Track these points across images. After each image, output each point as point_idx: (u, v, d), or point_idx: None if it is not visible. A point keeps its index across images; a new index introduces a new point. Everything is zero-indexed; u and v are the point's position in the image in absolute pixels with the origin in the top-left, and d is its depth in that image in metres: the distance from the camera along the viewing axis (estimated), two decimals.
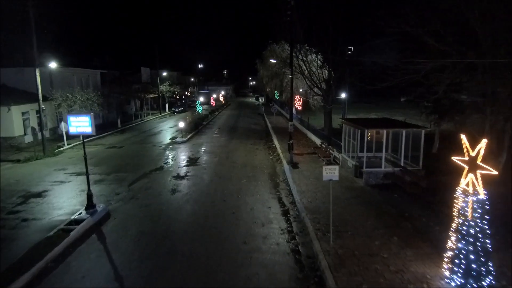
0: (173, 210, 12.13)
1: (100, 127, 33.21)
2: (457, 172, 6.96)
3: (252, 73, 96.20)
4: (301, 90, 33.03)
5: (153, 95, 51.47)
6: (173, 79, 65.00)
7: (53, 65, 22.67)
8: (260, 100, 74.91)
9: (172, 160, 19.96)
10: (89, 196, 11.58)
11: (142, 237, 9.99)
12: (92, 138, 27.20)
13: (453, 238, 7.26)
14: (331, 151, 18.20)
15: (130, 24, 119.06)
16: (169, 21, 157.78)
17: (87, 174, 11.68)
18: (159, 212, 11.92)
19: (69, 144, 24.31)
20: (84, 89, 28.38)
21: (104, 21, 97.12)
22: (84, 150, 11.59)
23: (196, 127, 32.41)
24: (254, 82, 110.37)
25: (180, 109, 51.56)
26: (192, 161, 19.52)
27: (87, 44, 67.01)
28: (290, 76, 19.22)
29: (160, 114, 48.14)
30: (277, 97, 49.82)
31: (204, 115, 41.81)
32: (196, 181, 15.53)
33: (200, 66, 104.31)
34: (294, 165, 17.52)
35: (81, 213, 11.45)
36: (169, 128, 34.41)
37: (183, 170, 17.48)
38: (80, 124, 11.18)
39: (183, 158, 20.53)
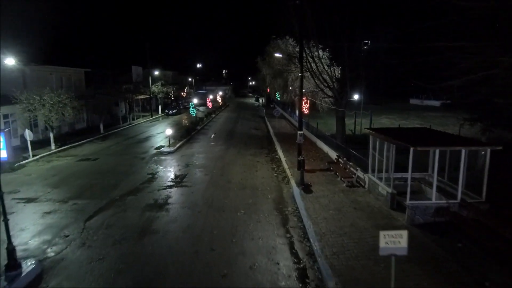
0: (135, 269, 8.27)
1: (80, 133, 29.37)
2: None
3: (251, 73, 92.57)
4: (305, 90, 29.17)
5: (144, 96, 47.52)
6: (168, 78, 61.15)
7: (10, 61, 18.76)
8: (260, 101, 71.23)
9: (153, 178, 16.09)
10: (10, 252, 7.77)
11: None
12: (66, 147, 23.43)
13: None
14: (352, 169, 14.34)
15: (128, 23, 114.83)
16: (168, 21, 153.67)
17: (5, 220, 7.81)
18: (114, 273, 8.07)
19: (35, 156, 20.50)
20: (65, 90, 24.60)
21: (100, 19, 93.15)
22: (0, 188, 7.69)
23: (188, 133, 28.54)
24: (254, 82, 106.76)
25: (174, 111, 47.61)
26: (177, 180, 15.68)
27: (79, 42, 63.07)
28: (299, 74, 15.39)
29: (152, 116, 44.25)
30: (278, 98, 46.08)
31: (199, 119, 37.91)
32: (177, 214, 11.69)
33: (198, 65, 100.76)
34: (306, 187, 13.72)
35: None
36: (158, 133, 30.53)
37: (163, 195, 13.64)
38: None
39: (167, 175, 16.67)
